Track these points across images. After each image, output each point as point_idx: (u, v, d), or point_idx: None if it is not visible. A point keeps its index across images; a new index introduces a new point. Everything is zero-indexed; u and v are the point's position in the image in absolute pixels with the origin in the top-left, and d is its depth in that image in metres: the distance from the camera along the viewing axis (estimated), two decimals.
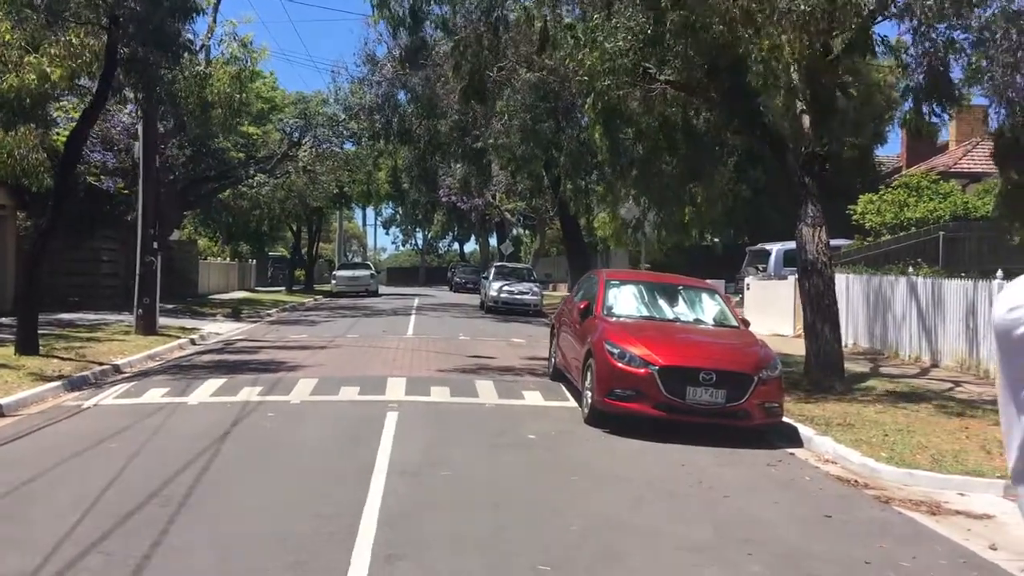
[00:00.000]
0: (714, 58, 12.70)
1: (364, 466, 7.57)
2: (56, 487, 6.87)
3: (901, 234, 21.19)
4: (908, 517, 6.92)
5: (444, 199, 51.06)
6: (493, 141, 26.25)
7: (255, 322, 24.64)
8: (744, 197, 25.19)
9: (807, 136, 13.45)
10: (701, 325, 11.51)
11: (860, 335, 19.03)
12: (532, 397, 11.90)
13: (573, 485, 7.47)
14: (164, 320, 19.54)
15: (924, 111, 13.50)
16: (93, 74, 14.13)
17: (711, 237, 34.47)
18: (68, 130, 16.54)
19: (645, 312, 11.59)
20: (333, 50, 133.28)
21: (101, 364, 13.33)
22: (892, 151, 35.75)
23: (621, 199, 29.12)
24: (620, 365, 9.77)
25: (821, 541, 6.22)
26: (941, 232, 19.74)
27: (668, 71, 13.31)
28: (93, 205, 23.75)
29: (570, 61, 14.70)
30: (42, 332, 14.62)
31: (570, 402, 11.55)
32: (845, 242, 22.26)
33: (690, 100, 14.31)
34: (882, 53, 14.02)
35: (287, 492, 6.90)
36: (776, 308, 21.37)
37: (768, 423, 9.79)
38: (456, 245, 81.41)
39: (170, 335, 18.03)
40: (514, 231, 61.97)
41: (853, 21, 11.81)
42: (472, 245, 76.87)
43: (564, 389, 12.37)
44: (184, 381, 12.39)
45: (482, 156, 29.26)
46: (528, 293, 30.66)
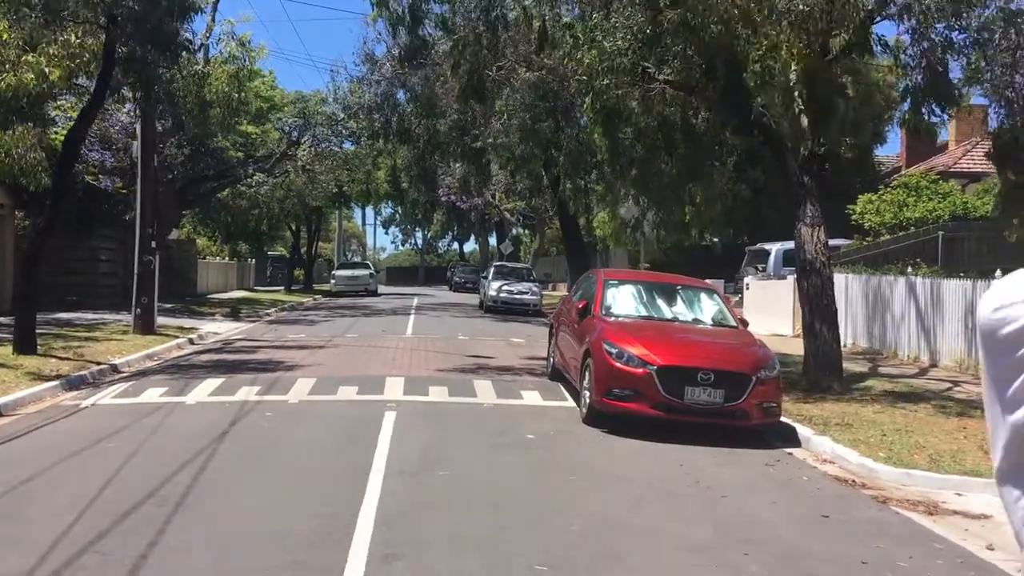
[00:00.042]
0: (712, 57, 12.69)
1: (362, 466, 7.56)
2: (54, 487, 6.87)
3: (900, 234, 21.18)
4: (906, 517, 6.92)
5: (443, 198, 51.09)
6: (492, 140, 26.26)
7: (254, 322, 24.63)
8: (743, 197, 25.16)
9: (806, 136, 13.44)
10: (699, 325, 11.51)
11: (859, 335, 19.03)
12: (531, 397, 11.89)
13: (572, 485, 7.46)
14: (162, 319, 19.53)
15: (923, 111, 13.48)
16: (91, 73, 14.12)
17: (710, 237, 34.43)
18: (66, 129, 16.51)
19: (643, 312, 11.58)
20: (332, 49, 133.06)
21: (99, 364, 13.32)
22: (892, 151, 35.76)
23: (620, 199, 29.17)
24: (618, 365, 9.77)
25: (819, 541, 6.22)
26: (940, 232, 19.72)
27: (667, 71, 13.31)
28: (91, 204, 23.74)
29: (569, 60, 14.70)
30: (40, 331, 14.62)
31: (568, 402, 11.55)
32: (844, 242, 22.24)
33: (689, 100, 14.30)
34: (881, 53, 14.00)
35: (285, 492, 6.89)
36: (775, 308, 21.37)
37: (766, 423, 9.80)
38: (455, 245, 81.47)
39: (168, 335, 18.02)
40: (513, 231, 61.95)
41: (852, 21, 11.81)
42: (471, 245, 76.88)
43: (563, 389, 12.37)
44: (182, 381, 12.38)
45: (481, 155, 29.27)
46: (527, 293, 30.63)
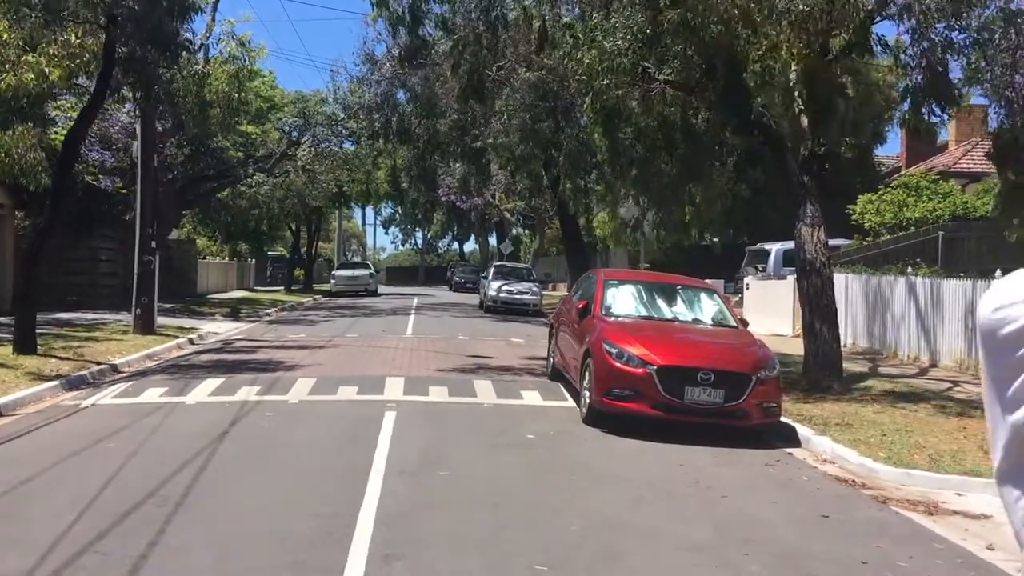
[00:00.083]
0: (712, 58, 12.69)
1: (362, 466, 7.56)
2: (54, 487, 6.87)
3: (900, 234, 21.18)
4: (906, 517, 6.92)
5: (443, 198, 51.08)
6: (492, 140, 26.26)
7: (254, 322, 24.63)
8: (743, 197, 25.18)
9: (806, 136, 13.43)
10: (699, 325, 11.51)
11: (859, 335, 19.03)
12: (530, 397, 11.89)
13: (572, 485, 7.46)
14: (162, 319, 19.53)
15: (923, 111, 13.48)
16: (91, 73, 14.12)
17: (710, 237, 34.45)
18: (66, 129, 16.51)
19: (643, 312, 11.58)
20: (332, 49, 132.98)
21: (99, 364, 13.32)
22: (892, 151, 35.75)
23: (620, 199, 29.17)
24: (618, 365, 9.77)
25: (819, 541, 6.22)
26: (940, 232, 19.72)
27: (667, 71, 13.31)
28: (91, 204, 23.74)
29: (569, 60, 14.70)
30: (40, 331, 14.62)
31: (568, 402, 11.54)
32: (844, 242, 22.24)
33: (689, 100, 14.29)
34: (881, 53, 14.00)
35: (285, 492, 6.89)
36: (775, 308, 21.37)
37: (766, 423, 9.79)
38: (455, 245, 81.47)
39: (168, 335, 18.02)
40: (513, 231, 61.95)
41: (852, 21, 11.80)
42: (472, 245, 76.87)
43: (563, 389, 12.36)
44: (182, 381, 12.38)
45: (481, 155, 29.27)
46: (527, 293, 30.62)
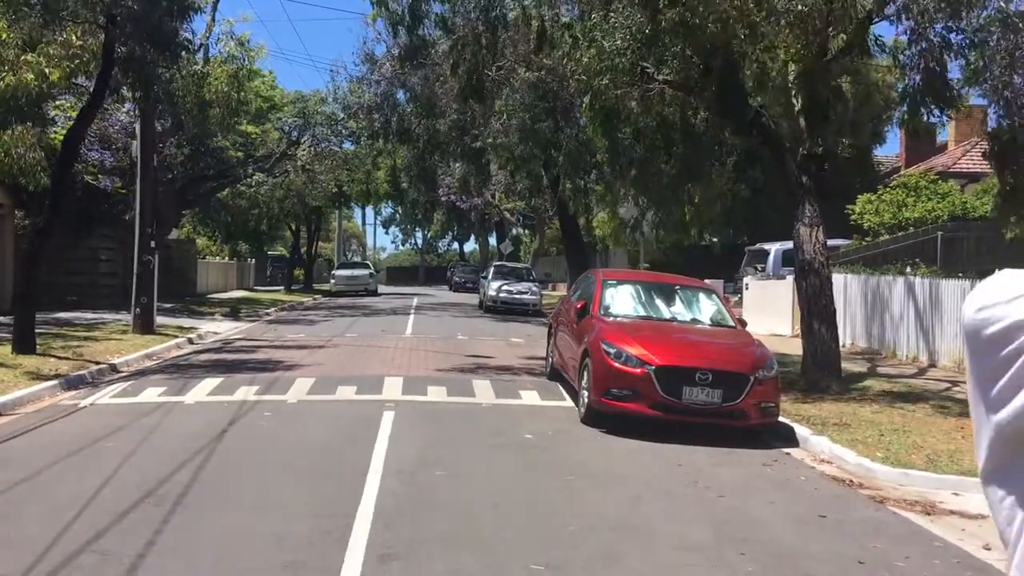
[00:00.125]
0: (710, 57, 12.69)
1: (360, 466, 7.57)
2: (52, 486, 6.87)
3: (899, 234, 21.18)
4: (903, 517, 6.93)
5: (443, 198, 51.06)
6: (492, 140, 26.27)
7: (253, 321, 24.64)
8: (743, 197, 25.20)
9: (804, 136, 13.44)
10: (698, 325, 11.52)
11: (858, 335, 19.04)
12: (529, 397, 11.90)
13: (570, 485, 7.47)
14: (162, 319, 19.54)
15: (922, 112, 13.47)
16: (91, 73, 14.12)
17: (710, 237, 34.48)
18: (66, 129, 16.52)
19: (642, 312, 11.59)
20: (332, 49, 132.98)
21: (98, 363, 13.33)
22: (891, 151, 35.76)
23: (620, 199, 29.14)
24: (617, 365, 9.77)
25: (816, 541, 6.23)
26: (939, 232, 19.72)
27: (666, 70, 13.32)
28: (91, 204, 23.74)
29: (568, 60, 14.73)
30: (39, 331, 14.63)
31: (567, 402, 11.55)
32: (843, 242, 22.24)
33: (688, 100, 14.30)
34: (879, 53, 14.01)
35: (283, 491, 6.90)
36: (775, 308, 21.37)
37: (764, 423, 9.80)
38: (455, 244, 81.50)
39: (167, 334, 18.02)
40: (513, 231, 61.96)
41: (850, 21, 11.81)
42: (471, 244, 76.89)
43: (561, 389, 12.37)
44: (181, 380, 12.39)
45: (481, 155, 29.29)
46: (527, 293, 30.64)
